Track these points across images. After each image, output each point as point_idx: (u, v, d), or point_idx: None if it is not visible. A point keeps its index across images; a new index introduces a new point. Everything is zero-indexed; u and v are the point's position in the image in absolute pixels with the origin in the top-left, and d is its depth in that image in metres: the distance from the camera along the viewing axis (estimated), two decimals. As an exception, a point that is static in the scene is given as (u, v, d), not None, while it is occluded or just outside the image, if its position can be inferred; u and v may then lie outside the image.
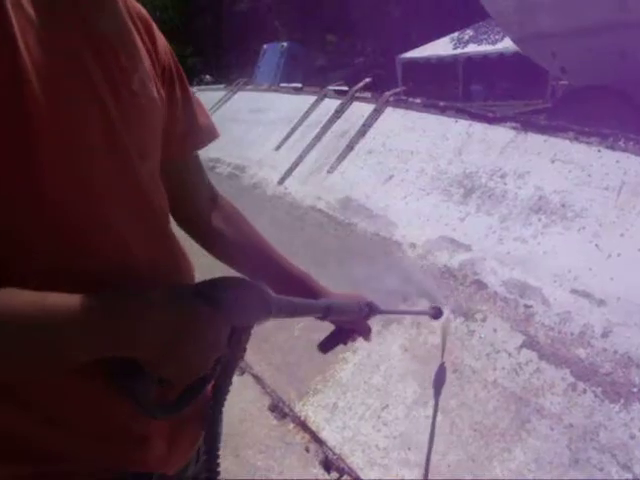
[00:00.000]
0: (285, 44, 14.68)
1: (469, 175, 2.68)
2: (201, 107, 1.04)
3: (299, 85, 4.84)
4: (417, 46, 12.22)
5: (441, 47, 12.01)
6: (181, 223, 1.10)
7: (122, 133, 0.75)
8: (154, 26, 0.89)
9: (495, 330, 2.15)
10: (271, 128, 4.58)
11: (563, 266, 2.11)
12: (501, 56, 9.65)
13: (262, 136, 4.61)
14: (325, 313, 1.07)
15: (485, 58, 10.18)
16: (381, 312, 1.35)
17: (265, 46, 15.23)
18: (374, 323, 2.32)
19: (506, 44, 8.46)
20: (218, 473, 0.81)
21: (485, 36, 11.12)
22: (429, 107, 3.21)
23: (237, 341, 0.78)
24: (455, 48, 11.71)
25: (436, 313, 1.98)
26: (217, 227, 1.10)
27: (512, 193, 2.46)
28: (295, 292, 0.99)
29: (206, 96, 6.30)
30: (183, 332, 0.68)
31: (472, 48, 10.92)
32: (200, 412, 0.93)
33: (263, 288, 0.81)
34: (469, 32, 11.74)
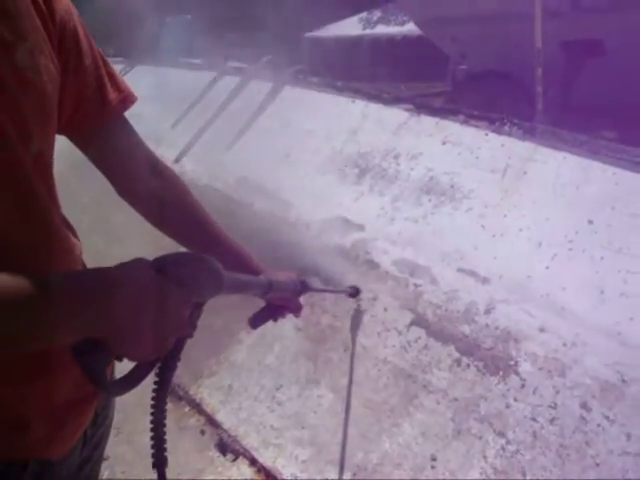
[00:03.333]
0: (189, 17, 14.19)
1: (363, 155, 2.70)
2: (112, 74, 1.00)
3: (198, 61, 4.69)
4: (326, 25, 12.15)
5: (348, 27, 11.99)
6: (121, 193, 1.08)
7: None
8: None
9: (386, 309, 2.18)
10: (169, 105, 4.41)
11: (451, 245, 2.17)
12: (405, 38, 9.79)
13: (159, 113, 4.43)
14: (267, 290, 1.09)
15: (390, 39, 10.29)
16: (311, 290, 1.37)
17: (168, 19, 14.66)
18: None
19: (411, 27, 8.57)
20: (165, 459, 0.80)
21: (393, 17, 11.20)
22: (327, 86, 3.20)
23: (194, 318, 0.79)
24: (364, 28, 11.74)
25: (354, 292, 2.15)
26: (157, 194, 1.08)
27: (404, 174, 2.50)
28: (234, 268, 0.97)
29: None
30: (151, 310, 0.68)
31: (379, 29, 10.99)
32: (87, 392, 0.92)
33: (216, 264, 0.81)
34: (377, 13, 11.79)
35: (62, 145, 0.96)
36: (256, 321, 1.34)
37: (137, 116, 3.89)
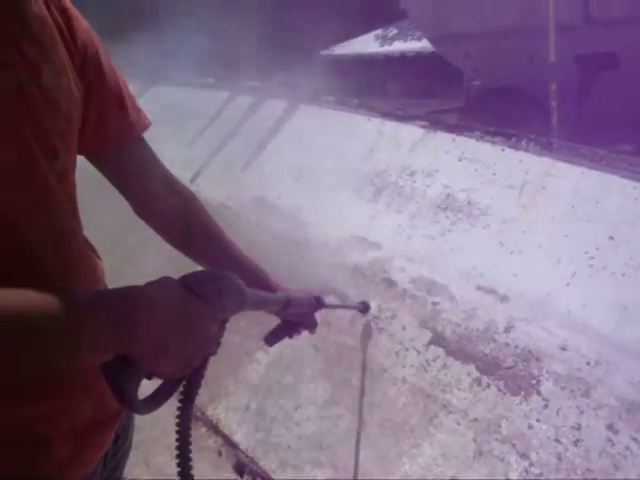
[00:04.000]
0: (204, 36, 14.35)
1: (380, 173, 2.69)
2: (132, 98, 1.02)
3: (212, 80, 4.73)
4: (342, 42, 12.23)
5: (364, 44, 12.06)
6: (139, 212, 1.10)
7: (25, 129, 0.72)
8: (74, 13, 0.86)
9: (404, 327, 2.16)
10: (183, 124, 4.45)
11: (469, 263, 2.15)
12: (418, 55, 9.81)
13: (174, 133, 4.47)
14: (285, 306, 1.09)
15: (403, 56, 10.33)
16: (326, 306, 1.35)
17: (183, 37, 14.84)
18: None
19: (425, 43, 8.59)
20: (192, 478, 0.80)
21: (410, 33, 11.23)
22: (342, 105, 3.21)
23: (219, 335, 0.79)
24: (381, 45, 11.79)
25: (364, 308, 2.07)
26: (174, 213, 1.10)
27: (421, 191, 2.49)
28: (251, 285, 0.96)
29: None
30: (181, 327, 0.69)
31: (393, 46, 11.03)
32: (109, 413, 0.92)
33: (239, 280, 0.81)
34: (393, 30, 11.84)
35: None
36: (272, 338, 1.33)
37: (152, 137, 3.90)
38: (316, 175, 3.01)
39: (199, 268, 1.16)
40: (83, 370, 0.83)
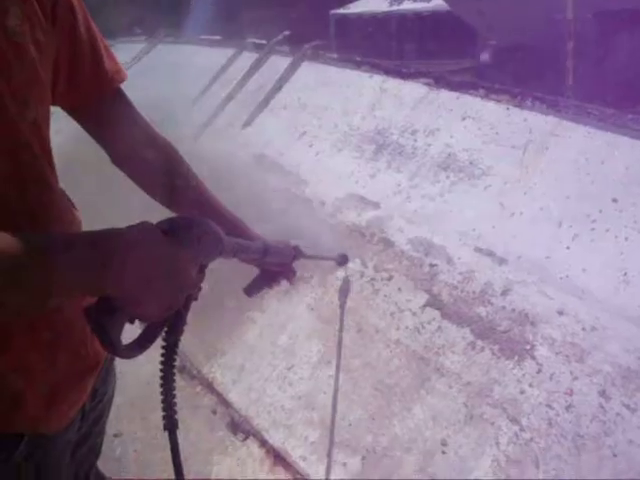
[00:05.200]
0: (213, -5, 14.12)
1: (381, 131, 2.62)
2: (108, 50, 1.01)
3: (218, 37, 4.62)
4: (352, 2, 11.94)
5: (375, 3, 11.77)
6: (117, 162, 1.09)
7: None
8: None
9: (400, 289, 2.12)
10: (189, 82, 4.37)
11: (468, 224, 2.09)
12: (434, 14, 9.56)
13: (179, 91, 4.40)
14: (263, 254, 1.11)
15: (418, 16, 10.08)
16: (305, 256, 1.40)
17: (194, -1, 14.60)
18: (283, 280, 2.25)
19: (438, 2, 8.36)
20: (176, 422, 0.80)
21: (420, -8, 10.92)
22: (345, 62, 3.11)
23: (199, 280, 0.80)
24: (391, 5, 11.49)
25: (342, 260, 2.11)
26: (152, 163, 1.09)
27: (422, 150, 2.42)
28: (232, 235, 1.00)
29: (125, 49, 5.97)
30: (164, 269, 0.69)
31: (405, 5, 10.75)
32: (85, 366, 0.93)
33: (217, 227, 0.83)
34: (404, -12, 11.51)
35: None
36: (252, 289, 1.36)
37: (156, 95, 3.84)
38: (318, 133, 2.94)
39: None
40: (56, 318, 0.83)
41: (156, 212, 1.19)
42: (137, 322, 0.74)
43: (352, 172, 2.57)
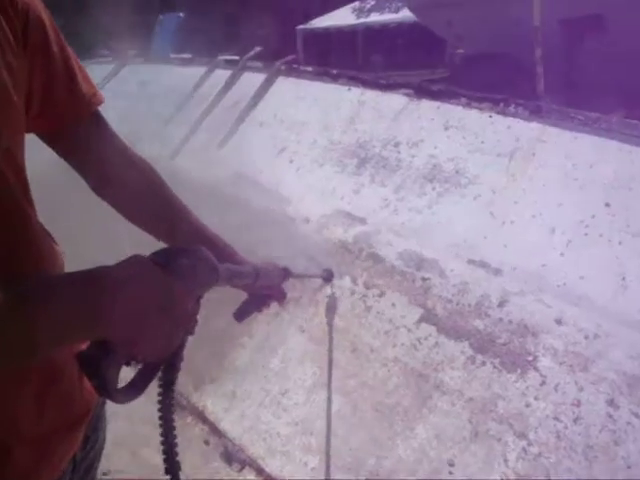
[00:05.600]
0: (182, 14, 14.07)
1: (362, 145, 2.58)
2: (83, 72, 0.97)
3: (189, 56, 4.57)
4: (318, 16, 11.98)
5: (341, 17, 11.83)
6: (96, 189, 1.05)
7: None
8: None
9: (393, 305, 2.07)
10: (161, 102, 4.30)
11: (459, 236, 2.05)
12: (400, 25, 9.62)
13: (152, 110, 4.32)
14: (255, 278, 1.07)
15: (384, 27, 10.14)
16: (294, 276, 1.39)
17: (161, 17, 14.53)
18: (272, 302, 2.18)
19: (406, 13, 8.41)
20: (178, 464, 0.78)
21: (387, 4, 11.02)
22: (321, 75, 3.08)
23: (195, 312, 0.77)
24: (358, 18, 11.56)
25: (327, 275, 2.13)
26: (132, 188, 1.05)
27: (406, 162, 2.38)
28: (218, 259, 0.95)
29: (94, 70, 5.87)
30: (160, 305, 0.65)
31: (372, 17, 10.82)
32: (75, 414, 0.87)
33: (210, 255, 0.79)
34: (370, 1, 11.61)
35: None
36: (241, 314, 1.32)
37: (129, 115, 3.75)
38: (297, 149, 2.89)
39: (162, 245, 1.11)
40: (43, 366, 0.77)
41: (144, 244, 1.13)
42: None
43: (335, 188, 2.53)
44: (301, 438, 2.03)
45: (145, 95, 4.63)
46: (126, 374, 0.72)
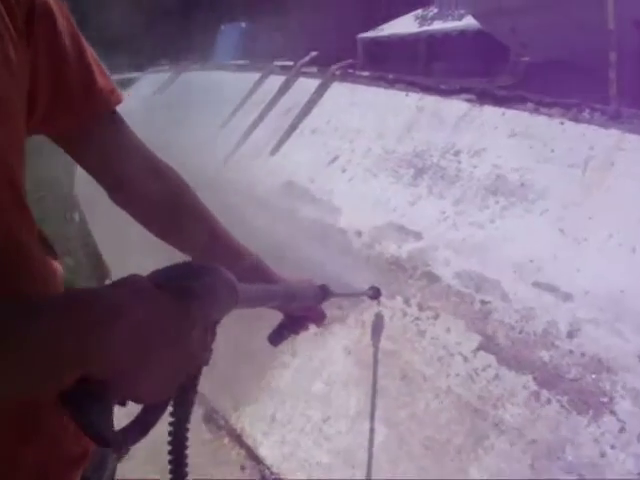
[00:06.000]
0: (244, 24, 14.23)
1: (420, 153, 2.40)
2: (100, 66, 0.88)
3: (243, 62, 4.50)
4: (379, 25, 11.86)
5: (404, 25, 11.66)
6: (115, 199, 0.97)
7: None
8: None
9: (449, 330, 1.88)
10: (215, 109, 4.24)
11: (524, 255, 1.84)
12: (463, 33, 9.36)
13: (206, 117, 4.28)
14: (286, 300, 0.99)
15: (447, 36, 9.89)
16: (334, 295, 1.25)
17: (223, 27, 14.75)
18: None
19: (469, 21, 8.16)
20: None
21: (450, 12, 10.79)
22: (377, 80, 2.92)
23: (210, 340, 0.65)
24: (420, 26, 11.37)
25: (374, 293, 1.93)
26: (155, 199, 0.97)
27: (467, 172, 2.19)
28: (249, 278, 0.86)
29: (151, 80, 5.92)
30: (165, 337, 0.54)
31: (435, 26, 10.60)
32: (70, 458, 0.77)
33: (228, 273, 0.68)
34: (433, 9, 11.42)
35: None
36: (277, 337, 1.20)
37: (184, 122, 3.69)
38: (350, 157, 2.74)
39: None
40: (22, 404, 0.65)
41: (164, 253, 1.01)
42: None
43: (389, 199, 2.35)
44: (342, 469, 1.87)
45: (199, 102, 4.59)
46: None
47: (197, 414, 2.42)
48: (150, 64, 7.19)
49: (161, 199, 0.99)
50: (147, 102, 5.15)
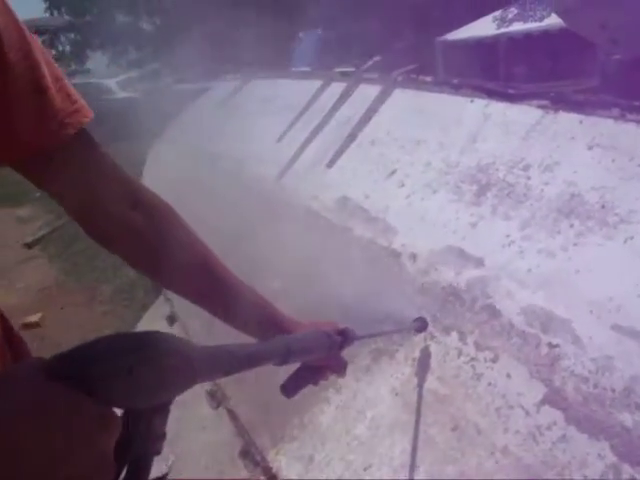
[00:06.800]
0: (320, 31, 14.22)
1: (484, 168, 2.13)
2: (61, 82, 0.78)
3: (308, 69, 4.35)
4: (458, 27, 11.47)
5: (482, 27, 11.20)
6: (90, 232, 0.86)
7: None
8: None
9: (509, 376, 1.61)
10: (276, 118, 4.11)
11: (602, 291, 1.55)
12: (545, 33, 8.84)
13: (266, 127, 4.15)
14: (284, 358, 0.85)
15: (528, 37, 9.38)
16: (358, 339, 1.14)
17: (301, 34, 14.80)
18: (363, 356, 1.80)
19: (551, 20, 7.68)
20: None
21: (531, 13, 10.26)
22: (441, 86, 2.67)
23: (144, 432, 0.55)
24: (498, 27, 10.88)
25: (421, 326, 1.79)
26: (138, 232, 0.86)
27: (537, 190, 1.90)
28: (249, 322, 0.89)
29: (220, 88, 5.88)
30: (43, 444, 0.41)
31: (515, 26, 10.11)
32: None
33: (177, 343, 0.58)
34: (513, 10, 10.90)
35: None
36: (290, 387, 1.10)
37: (244, 132, 3.57)
38: (409, 171, 2.50)
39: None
40: None
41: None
42: None
43: (449, 219, 2.10)
44: (383, 529, 1.64)
45: (263, 110, 4.48)
46: None
47: (234, 448, 2.27)
48: (226, 73, 7.20)
49: (143, 233, 0.86)
50: (210, 112, 5.12)
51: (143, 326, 4.05)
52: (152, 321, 3.89)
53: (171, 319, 3.54)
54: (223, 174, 4.02)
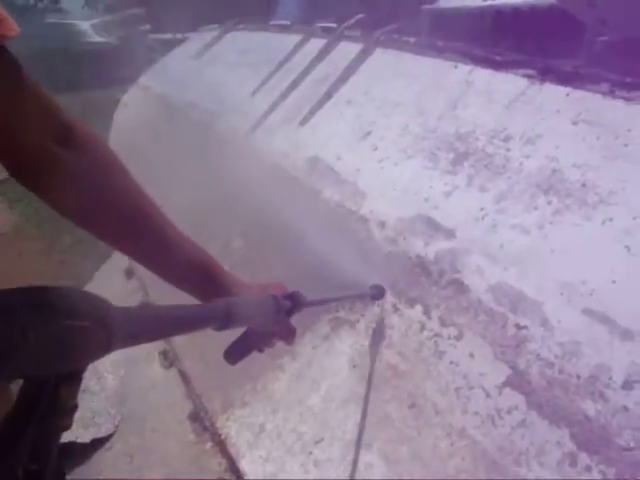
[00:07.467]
0: (305, -14, 13.85)
1: (463, 136, 2.03)
2: None
3: (288, 22, 4.16)
4: (445, -4, 11.25)
5: (470, -2, 11.00)
6: (15, 175, 0.75)
7: None
8: None
9: (472, 355, 1.54)
10: (252, 71, 3.93)
11: (576, 273, 1.48)
12: (533, 9, 8.70)
13: (242, 80, 3.97)
14: (223, 322, 0.79)
15: (516, 11, 9.24)
16: (308, 304, 1.08)
17: (283, -12, 14.42)
18: (322, 323, 1.70)
19: (538, -4, 7.55)
20: None
21: (520, -14, 10.11)
22: (424, 48, 2.54)
23: (47, 404, 0.48)
24: None
25: (377, 294, 1.72)
26: (67, 172, 0.76)
27: (516, 163, 1.81)
28: (193, 279, 0.86)
29: (198, 39, 5.65)
30: None
31: (501, 0, 9.97)
32: None
33: (88, 302, 0.50)
34: (504, -19, 10.71)
35: None
36: (233, 354, 1.06)
37: (219, 83, 3.40)
38: (384, 134, 2.39)
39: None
40: None
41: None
42: None
43: (422, 187, 2.00)
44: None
45: (240, 63, 4.29)
46: None
47: (183, 410, 2.18)
48: (206, 24, 6.94)
49: (74, 173, 0.76)
50: (187, 62, 4.91)
51: (100, 277, 3.92)
52: (109, 273, 3.76)
53: (129, 272, 3.41)
54: (194, 125, 3.86)
